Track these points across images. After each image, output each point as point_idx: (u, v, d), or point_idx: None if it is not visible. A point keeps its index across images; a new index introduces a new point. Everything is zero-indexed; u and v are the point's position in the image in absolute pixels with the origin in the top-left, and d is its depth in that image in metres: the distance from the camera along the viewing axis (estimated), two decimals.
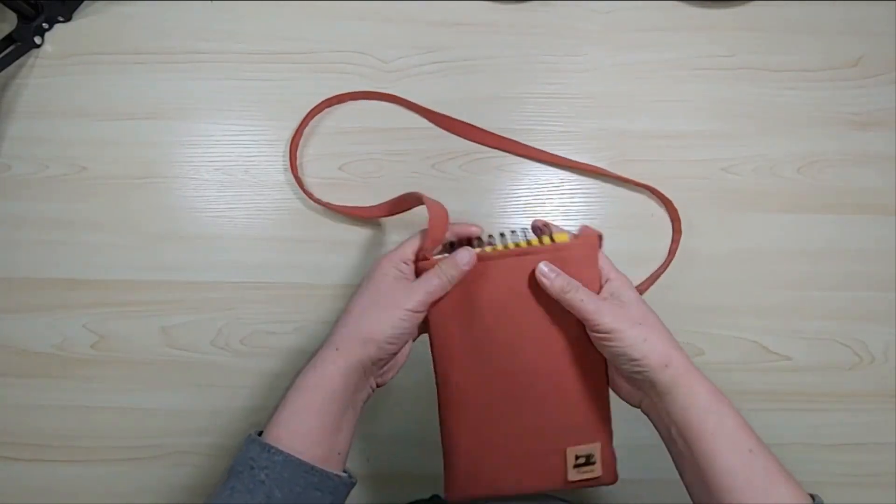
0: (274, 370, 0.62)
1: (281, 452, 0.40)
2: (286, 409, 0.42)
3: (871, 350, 0.62)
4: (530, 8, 0.68)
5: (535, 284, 0.45)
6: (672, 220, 0.64)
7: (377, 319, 0.43)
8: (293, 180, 0.65)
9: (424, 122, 0.66)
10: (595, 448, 0.46)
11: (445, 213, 0.47)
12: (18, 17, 0.66)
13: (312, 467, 0.40)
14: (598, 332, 0.43)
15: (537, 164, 0.66)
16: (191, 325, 0.63)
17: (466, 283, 0.45)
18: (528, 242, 0.46)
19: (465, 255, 0.44)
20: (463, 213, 0.64)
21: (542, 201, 0.65)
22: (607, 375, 0.47)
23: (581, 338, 0.45)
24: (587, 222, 0.64)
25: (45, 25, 0.68)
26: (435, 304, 0.45)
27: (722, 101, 0.66)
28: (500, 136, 0.65)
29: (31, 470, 0.61)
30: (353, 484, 0.43)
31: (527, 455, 0.46)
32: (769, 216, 0.64)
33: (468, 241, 0.48)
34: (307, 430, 0.41)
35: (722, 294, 0.63)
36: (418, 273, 0.46)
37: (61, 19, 0.68)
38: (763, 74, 0.67)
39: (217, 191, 0.65)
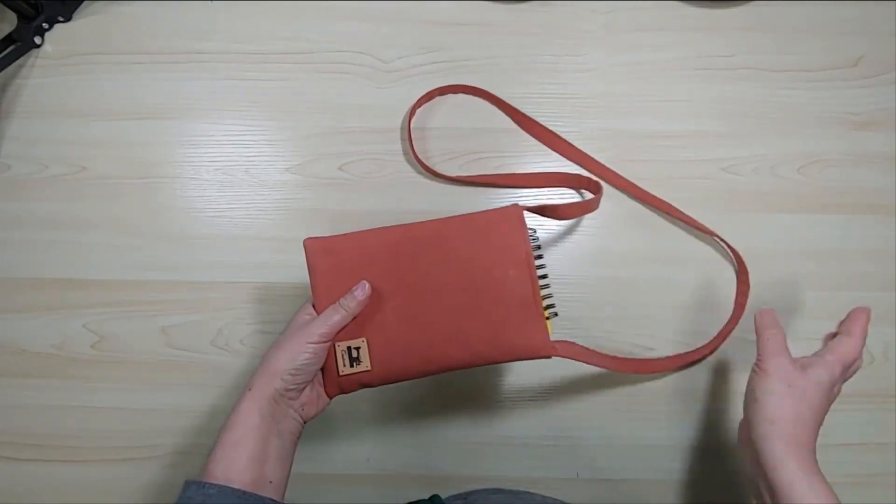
0: None
1: (214, 485, 0.43)
2: (216, 448, 0.45)
3: (871, 350, 0.62)
4: (530, 8, 0.68)
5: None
6: (738, 272, 0.63)
7: (282, 356, 0.47)
8: (295, 179, 0.65)
9: (425, 123, 0.66)
10: (361, 343, 0.50)
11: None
12: (18, 17, 0.66)
13: (245, 492, 0.43)
14: (758, 365, 0.49)
15: (538, 165, 0.66)
16: (191, 325, 0.63)
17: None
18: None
19: (361, 289, 0.49)
20: (462, 212, 0.64)
21: (542, 201, 0.65)
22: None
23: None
24: (588, 222, 0.65)
25: (45, 25, 0.68)
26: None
27: (722, 101, 0.66)
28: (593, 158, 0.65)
29: (31, 470, 0.61)
30: None
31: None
32: (769, 216, 0.64)
33: None
34: (234, 461, 0.44)
35: (722, 294, 0.63)
36: None
37: (61, 19, 0.68)
38: (763, 74, 0.67)
39: (217, 191, 0.65)
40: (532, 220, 0.52)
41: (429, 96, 0.66)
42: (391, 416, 0.62)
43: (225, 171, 0.66)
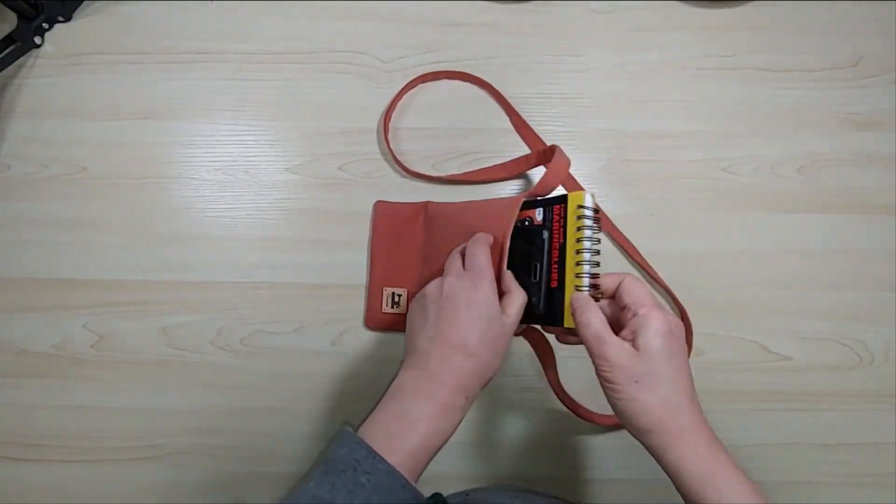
0: (274, 370, 0.62)
1: (385, 462, 0.40)
2: (405, 437, 0.42)
3: (871, 350, 0.62)
4: (530, 8, 0.68)
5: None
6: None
7: (495, 361, 0.45)
8: (295, 179, 0.65)
9: (425, 122, 0.66)
10: (403, 292, 0.62)
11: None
12: (18, 17, 0.66)
13: (411, 485, 0.41)
14: (601, 380, 0.43)
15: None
16: (191, 325, 0.63)
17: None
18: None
19: (523, 294, 0.48)
20: None
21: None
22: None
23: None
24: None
25: (45, 25, 0.68)
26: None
27: (722, 101, 0.66)
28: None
29: (31, 470, 0.61)
30: None
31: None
32: (769, 216, 0.64)
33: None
34: (413, 459, 0.42)
35: (722, 294, 0.63)
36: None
37: (61, 19, 0.68)
38: (763, 74, 0.67)
39: (217, 191, 0.65)
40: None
41: (410, 85, 0.66)
42: None
43: (225, 171, 0.66)
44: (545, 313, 0.48)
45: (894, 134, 0.66)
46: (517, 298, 0.46)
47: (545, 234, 0.49)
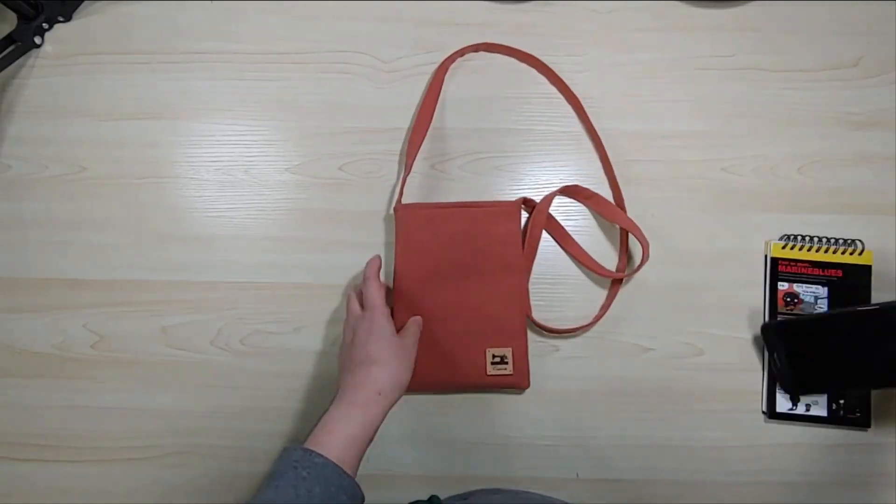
0: (274, 370, 0.62)
1: (321, 455, 0.46)
2: (332, 433, 0.48)
3: None
4: (530, 8, 0.68)
5: (475, 230, 0.61)
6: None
7: (404, 369, 0.53)
8: (295, 179, 0.65)
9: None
10: (508, 351, 0.60)
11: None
12: (18, 17, 0.67)
13: (345, 473, 0.47)
14: None
15: (538, 165, 0.66)
16: (191, 325, 0.63)
17: (425, 227, 0.62)
18: None
19: (419, 319, 0.60)
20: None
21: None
22: (525, 302, 0.62)
23: (506, 273, 0.61)
24: (585, 223, 0.65)
25: (45, 25, 0.68)
26: (401, 241, 0.62)
27: (722, 101, 0.66)
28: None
29: (31, 470, 0.61)
30: (363, 498, 0.49)
31: (457, 355, 0.60)
32: (769, 216, 0.64)
33: None
34: (344, 453, 0.47)
35: (722, 294, 0.63)
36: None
37: (61, 19, 0.68)
38: (763, 74, 0.67)
39: (217, 191, 0.65)
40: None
41: (461, 52, 0.67)
42: (391, 416, 0.62)
43: (225, 171, 0.66)
44: None
45: (894, 134, 0.66)
46: (412, 326, 0.58)
47: None
